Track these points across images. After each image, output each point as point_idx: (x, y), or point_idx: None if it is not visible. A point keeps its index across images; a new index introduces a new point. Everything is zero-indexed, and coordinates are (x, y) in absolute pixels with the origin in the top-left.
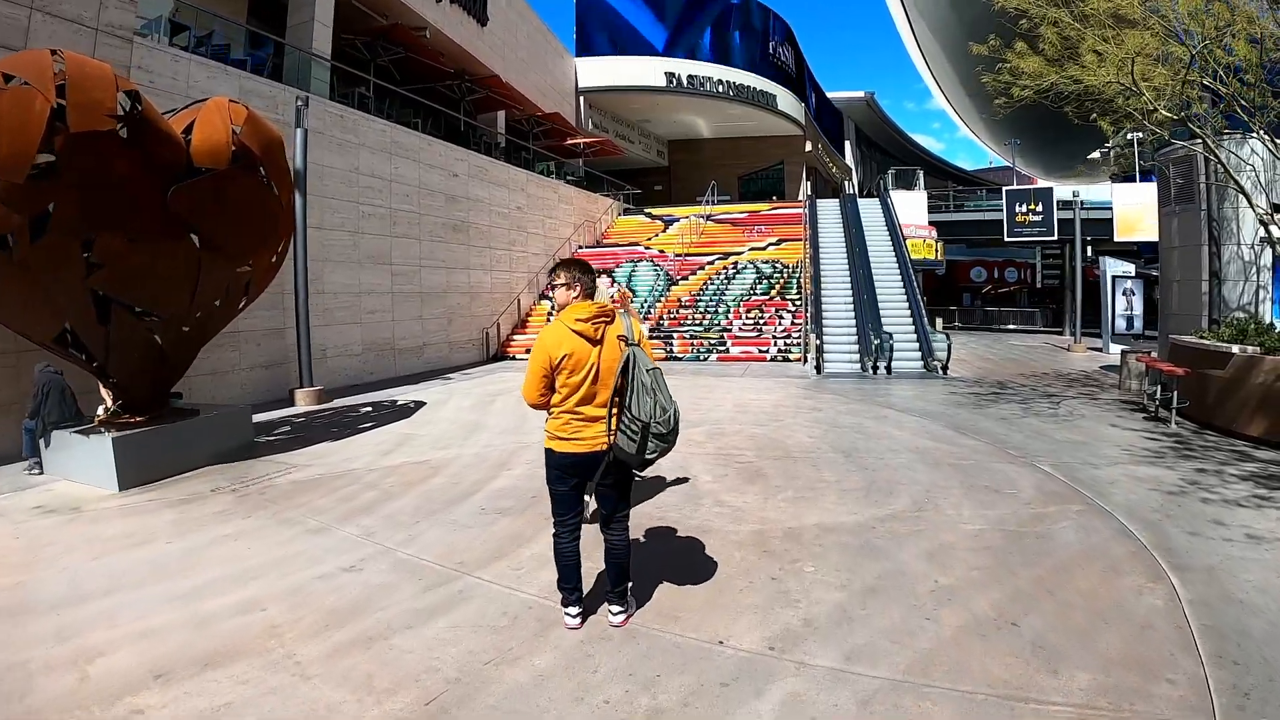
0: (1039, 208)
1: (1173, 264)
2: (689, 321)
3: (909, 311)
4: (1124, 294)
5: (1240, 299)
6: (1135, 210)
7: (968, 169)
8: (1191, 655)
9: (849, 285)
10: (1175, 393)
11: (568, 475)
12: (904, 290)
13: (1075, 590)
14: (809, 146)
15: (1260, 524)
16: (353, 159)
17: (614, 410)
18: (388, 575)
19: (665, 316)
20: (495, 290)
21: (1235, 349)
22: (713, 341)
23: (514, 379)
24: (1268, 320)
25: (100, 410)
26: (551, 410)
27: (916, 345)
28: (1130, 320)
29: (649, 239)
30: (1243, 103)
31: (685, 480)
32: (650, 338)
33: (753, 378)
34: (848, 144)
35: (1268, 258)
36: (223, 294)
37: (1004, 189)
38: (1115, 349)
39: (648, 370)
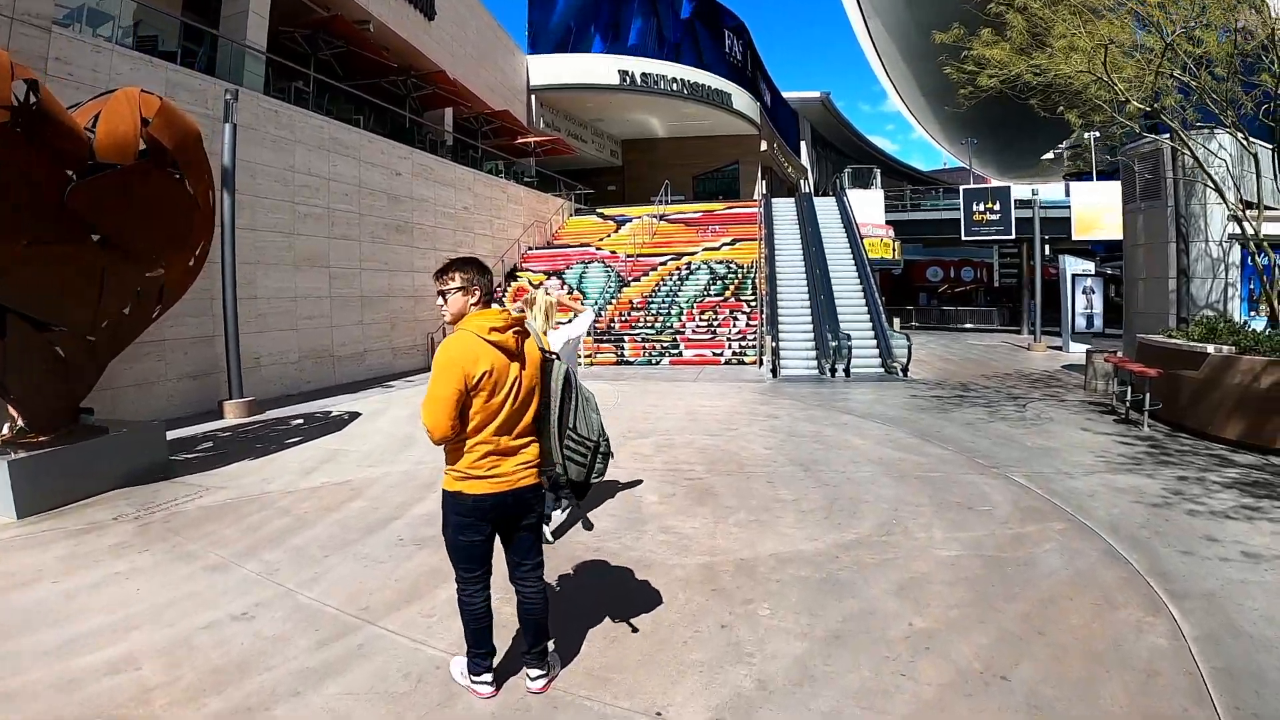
0: (996, 206)
1: (1138, 262)
2: (641, 324)
3: (867, 312)
4: (1084, 292)
5: (1208, 297)
6: (1093, 209)
7: (923, 169)
8: (1206, 708)
9: (805, 285)
10: (1147, 395)
11: (482, 522)
12: (861, 290)
13: (1068, 629)
14: (764, 146)
15: (1255, 539)
16: (288, 156)
17: (538, 435)
18: (282, 624)
19: (616, 319)
20: None
21: (1210, 349)
22: (665, 345)
23: None
24: (1237, 319)
25: (5, 429)
26: (460, 444)
27: (875, 346)
28: (1090, 319)
29: (601, 240)
30: (1214, 96)
31: (629, 501)
32: (601, 341)
33: (706, 382)
34: (803, 144)
35: (1236, 254)
36: (132, 300)
37: (961, 188)
38: (1076, 348)
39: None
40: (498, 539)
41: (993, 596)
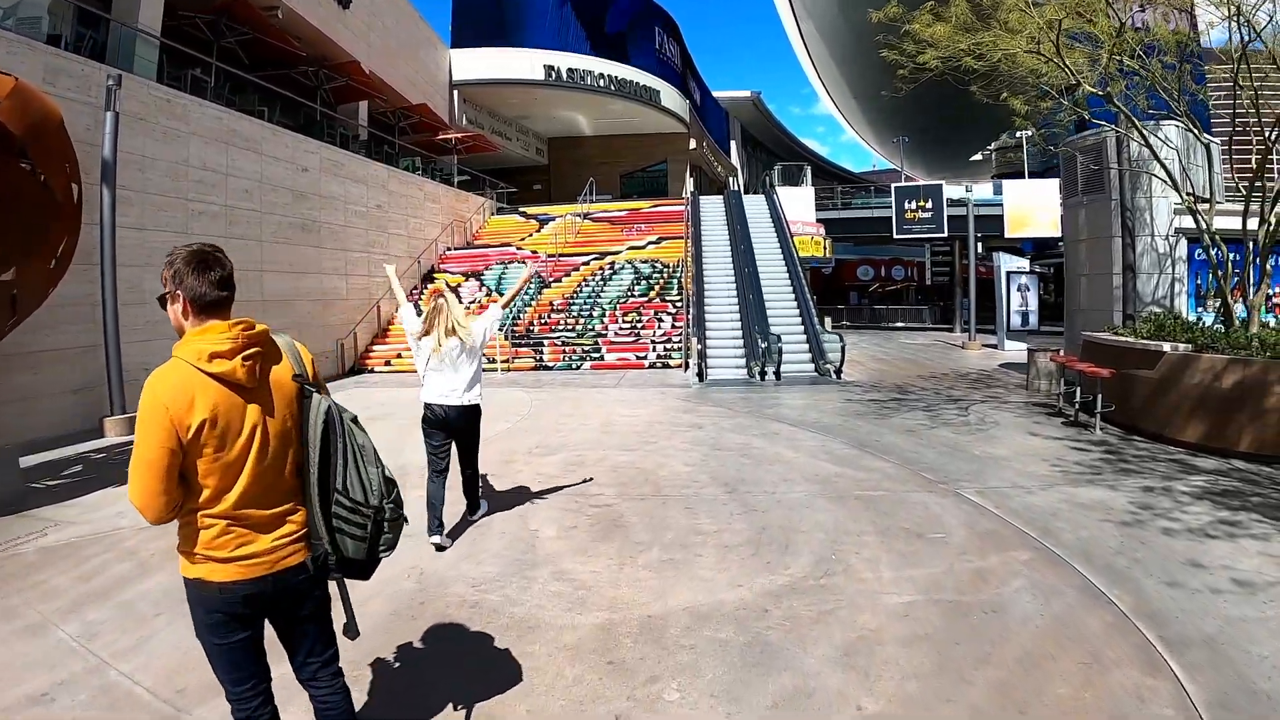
0: (929, 204)
1: (1080, 257)
2: (561, 327)
3: (798, 311)
4: (1019, 290)
5: (1155, 293)
6: (1025, 207)
7: (853, 170)
8: None
9: (733, 285)
10: (1099, 396)
11: (239, 622)
12: (792, 289)
13: (1055, 702)
14: (693, 144)
15: (1243, 562)
16: (182, 149)
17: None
18: (82, 712)
19: (536, 322)
20: (352, 297)
21: (1166, 347)
22: (587, 348)
23: (365, 397)
24: (1183, 314)
25: None
26: (192, 516)
27: (807, 347)
28: (1026, 316)
29: (522, 239)
30: (1164, 85)
31: (523, 536)
32: (520, 346)
33: (628, 388)
34: (733, 144)
35: (1183, 249)
36: None
37: (893, 186)
38: (1011, 346)
39: (354, 421)
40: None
41: (959, 660)
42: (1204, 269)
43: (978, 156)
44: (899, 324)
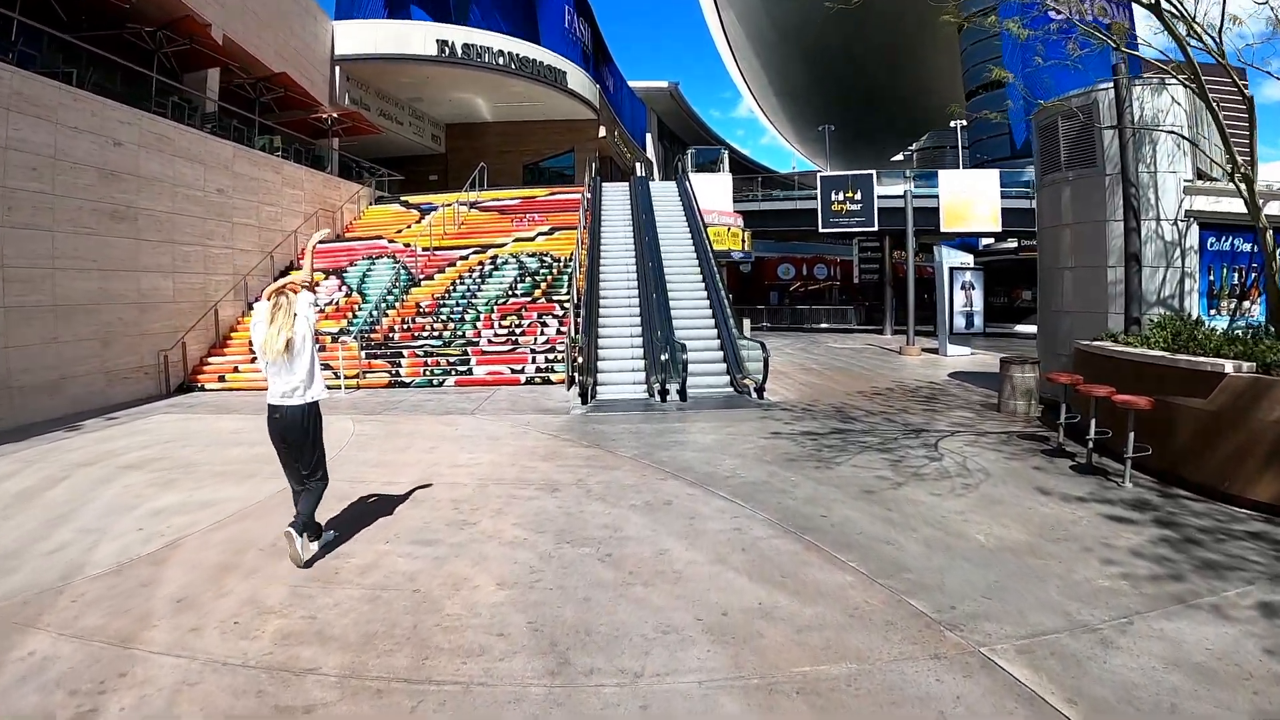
0: (858, 195)
1: (1061, 247)
2: (426, 333)
3: (711, 314)
4: (963, 288)
5: (1160, 290)
6: (963, 199)
7: (774, 170)
8: None
9: (634, 282)
10: (1131, 437)
11: None
12: (704, 288)
13: None
14: (603, 132)
15: None
16: None
17: None
18: None
19: (398, 327)
20: (181, 299)
21: (1228, 367)
22: (453, 360)
23: (183, 427)
24: (1193, 316)
25: None
26: None
27: (721, 357)
28: (970, 317)
29: (399, 231)
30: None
31: None
32: (375, 357)
33: (488, 416)
34: (649, 137)
35: (1194, 236)
36: None
37: (819, 174)
38: (955, 350)
39: None
40: None
41: None
42: (1218, 262)
43: (899, 156)
44: (823, 325)
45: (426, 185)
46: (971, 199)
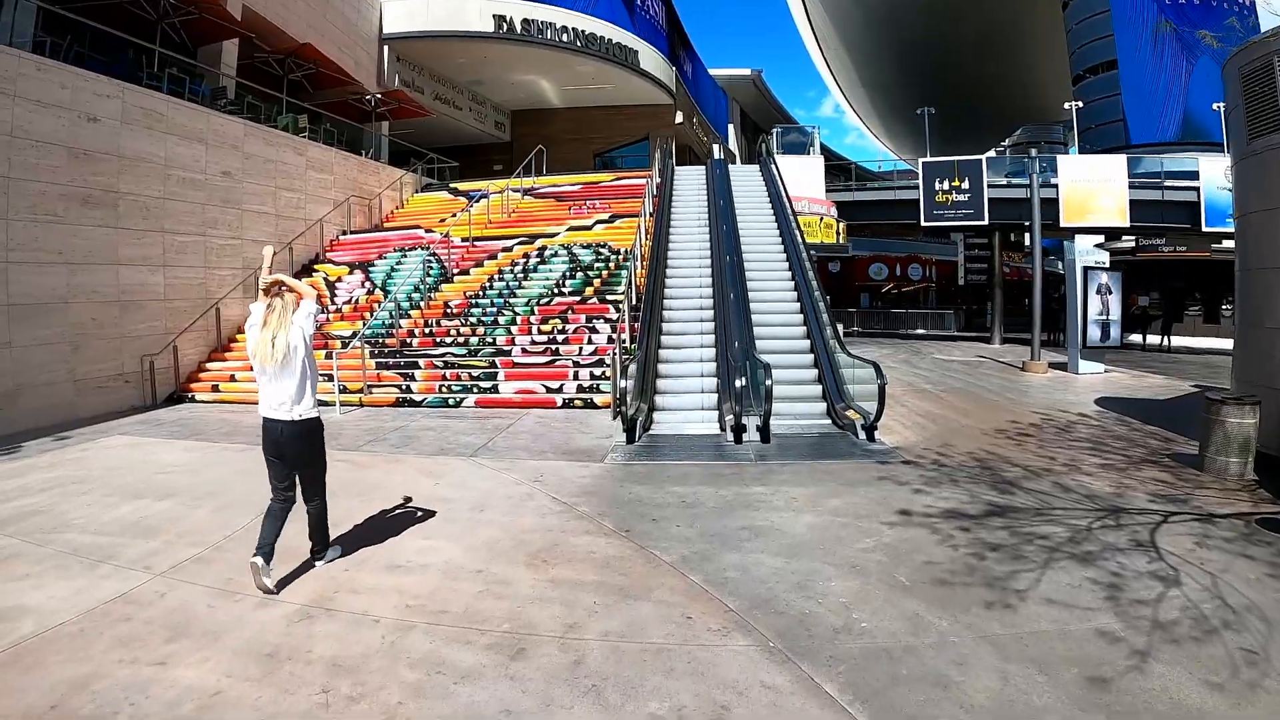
0: (964, 184)
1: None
2: (451, 338)
3: (803, 323)
4: (1098, 292)
5: None
6: (1086, 189)
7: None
8: None
9: (707, 280)
10: None
11: None
12: (795, 289)
13: None
14: (680, 118)
15: None
16: None
17: None
18: None
19: (419, 331)
20: (175, 296)
21: None
22: (478, 373)
23: (124, 457)
24: None
25: None
26: None
27: (816, 378)
28: (1106, 328)
29: (441, 220)
30: None
31: None
32: (385, 368)
33: (490, 461)
34: (731, 128)
35: None
36: None
37: (921, 161)
38: (1087, 368)
39: None
40: None
41: None
42: None
43: (991, 152)
44: (918, 330)
45: (490, 175)
46: (1095, 189)
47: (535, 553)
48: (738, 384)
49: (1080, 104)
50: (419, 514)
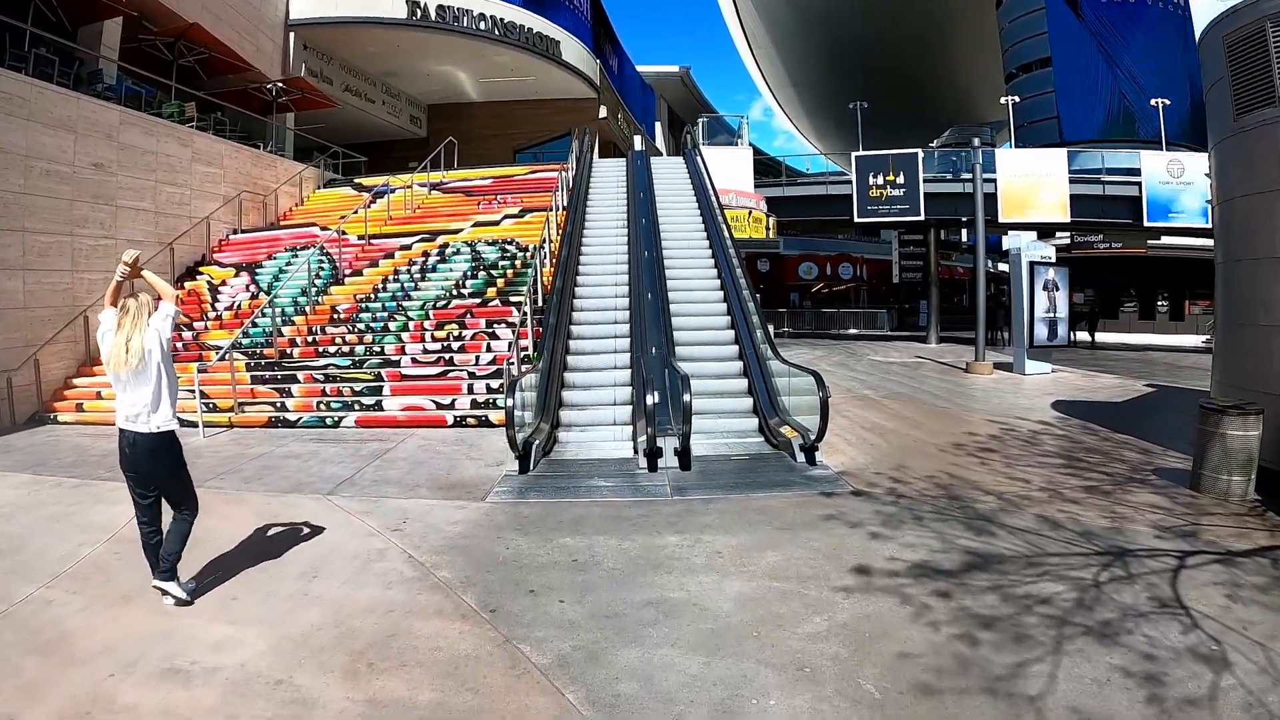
0: (900, 179)
1: (1274, 226)
2: (336, 346)
3: (730, 327)
4: (1045, 288)
5: None
6: (1025, 184)
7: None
8: None
9: (624, 279)
10: None
11: None
12: (721, 290)
13: None
14: (604, 113)
15: None
16: None
17: None
18: None
19: (301, 340)
20: (37, 304)
21: None
22: (360, 388)
23: None
24: None
25: None
26: None
27: (746, 390)
28: (1053, 326)
29: (341, 217)
30: None
31: None
32: (262, 382)
33: (350, 501)
34: (659, 126)
35: None
36: None
37: (854, 155)
38: (1034, 368)
39: None
40: None
41: None
42: None
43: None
44: (851, 330)
45: (404, 172)
46: (1036, 184)
47: (361, 651)
48: (649, 400)
49: (1017, 98)
50: (232, 585)
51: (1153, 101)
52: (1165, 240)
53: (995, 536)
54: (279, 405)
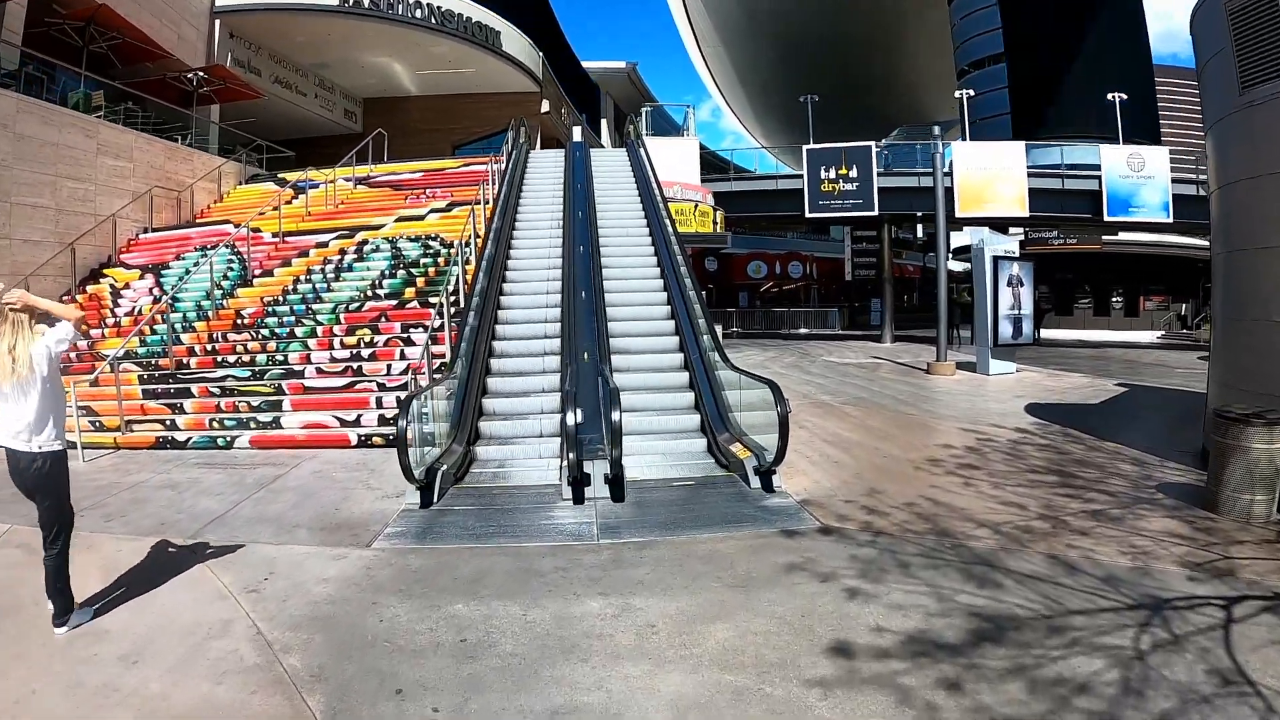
0: (853, 173)
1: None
2: (236, 355)
3: (674, 330)
4: (1009, 284)
5: None
6: (981, 178)
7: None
8: None
9: (557, 277)
10: None
11: None
12: (664, 289)
13: None
14: (546, 107)
15: None
16: None
17: None
18: None
19: (201, 348)
20: None
21: None
22: (259, 402)
23: None
24: None
25: None
26: None
27: (693, 405)
28: (1019, 324)
29: (260, 213)
30: None
31: None
32: (154, 396)
33: (217, 545)
34: (604, 123)
35: None
36: None
37: (805, 148)
38: (998, 367)
39: None
40: None
41: None
42: None
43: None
44: (802, 330)
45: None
46: (993, 177)
47: None
48: (571, 420)
49: (971, 92)
50: (38, 669)
51: (1109, 96)
52: (1121, 236)
53: (1002, 589)
54: (169, 424)
